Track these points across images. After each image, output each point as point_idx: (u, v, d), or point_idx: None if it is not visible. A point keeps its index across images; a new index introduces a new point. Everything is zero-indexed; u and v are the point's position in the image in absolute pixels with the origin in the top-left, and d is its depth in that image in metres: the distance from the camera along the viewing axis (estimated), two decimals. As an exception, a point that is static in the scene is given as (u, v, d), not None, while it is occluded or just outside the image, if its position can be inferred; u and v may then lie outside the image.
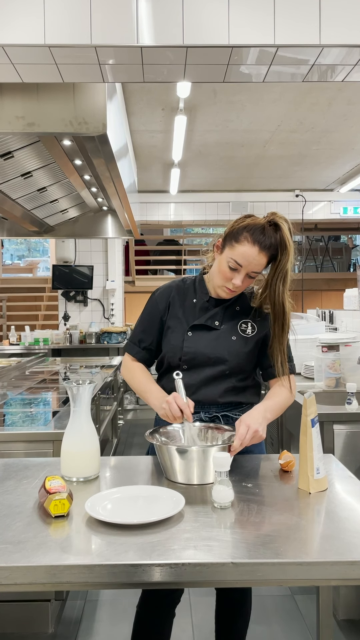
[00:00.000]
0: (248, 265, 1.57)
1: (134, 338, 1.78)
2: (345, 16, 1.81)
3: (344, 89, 4.08)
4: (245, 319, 1.71)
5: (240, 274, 1.59)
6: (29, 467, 1.58)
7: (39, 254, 15.25)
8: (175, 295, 1.74)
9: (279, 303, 1.59)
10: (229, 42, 1.81)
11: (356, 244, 11.29)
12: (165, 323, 1.72)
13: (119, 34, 1.79)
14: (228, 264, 1.59)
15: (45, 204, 4.03)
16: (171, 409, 1.49)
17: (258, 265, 1.58)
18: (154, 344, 1.75)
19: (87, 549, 1.09)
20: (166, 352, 1.71)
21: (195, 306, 1.71)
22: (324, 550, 1.08)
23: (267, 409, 1.55)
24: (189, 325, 1.68)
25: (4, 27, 1.78)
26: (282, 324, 1.62)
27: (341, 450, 2.39)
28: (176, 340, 1.68)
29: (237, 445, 1.41)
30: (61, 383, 3.52)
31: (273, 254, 1.58)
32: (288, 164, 6.16)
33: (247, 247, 1.55)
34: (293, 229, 1.58)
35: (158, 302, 1.74)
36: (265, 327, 1.70)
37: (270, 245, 1.56)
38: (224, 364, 1.66)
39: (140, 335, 1.76)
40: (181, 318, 1.70)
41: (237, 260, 1.57)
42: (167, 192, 7.20)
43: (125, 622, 2.25)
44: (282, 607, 2.39)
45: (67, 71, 1.96)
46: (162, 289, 1.78)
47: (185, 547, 1.07)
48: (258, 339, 1.70)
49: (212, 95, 4.18)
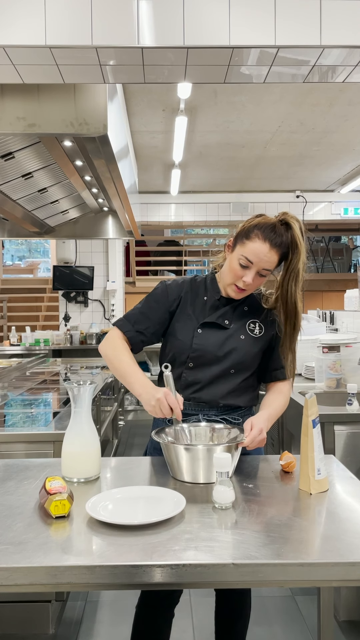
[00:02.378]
0: (259, 262, 1.58)
1: (129, 317, 1.70)
2: (346, 17, 1.81)
3: (344, 89, 4.08)
4: (254, 319, 1.71)
5: (251, 271, 1.59)
6: (29, 468, 1.58)
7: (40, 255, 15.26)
8: (188, 291, 1.72)
9: (292, 302, 1.60)
10: (229, 43, 1.81)
11: (357, 244, 11.29)
12: (173, 317, 1.71)
13: (119, 35, 1.79)
14: (239, 261, 1.59)
15: (46, 204, 4.03)
16: (162, 408, 1.45)
17: (269, 262, 1.58)
18: (149, 331, 1.68)
19: (88, 549, 1.09)
20: (174, 348, 1.69)
21: (206, 304, 1.71)
22: (325, 551, 1.08)
23: (269, 418, 1.57)
24: (199, 322, 1.68)
25: (5, 28, 1.78)
26: (294, 323, 1.63)
27: (342, 451, 2.39)
28: (185, 337, 1.67)
29: (247, 443, 1.43)
30: (62, 384, 3.52)
31: (284, 252, 1.58)
32: (289, 164, 6.16)
33: (258, 244, 1.56)
34: (305, 229, 1.59)
35: (169, 292, 1.71)
36: (272, 328, 1.71)
37: (281, 243, 1.56)
38: (230, 362, 1.66)
39: (137, 317, 1.69)
40: (191, 315, 1.70)
41: (248, 256, 1.57)
42: (168, 192, 7.20)
43: (125, 623, 2.24)
44: (283, 608, 2.38)
45: (67, 72, 1.96)
46: (175, 281, 1.75)
47: (186, 548, 1.07)
48: (265, 340, 1.70)
49: (212, 96, 4.18)
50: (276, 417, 1.65)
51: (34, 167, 3.10)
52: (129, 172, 3.91)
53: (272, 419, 1.60)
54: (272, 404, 1.66)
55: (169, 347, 1.72)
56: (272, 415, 1.60)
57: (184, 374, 1.66)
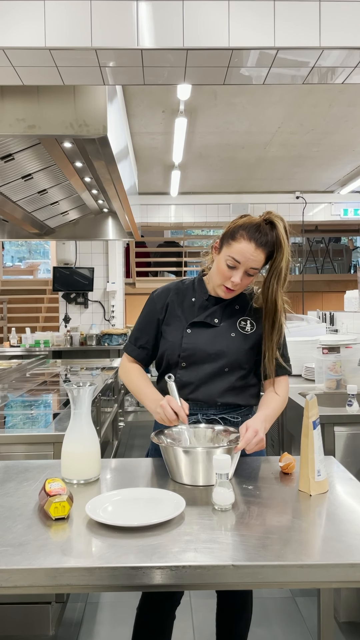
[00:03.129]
0: (246, 262, 1.59)
1: (131, 337, 1.82)
2: (345, 18, 1.81)
3: (344, 90, 4.09)
4: (244, 317, 1.72)
5: (239, 271, 1.61)
6: (29, 470, 1.58)
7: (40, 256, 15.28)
8: (174, 295, 1.76)
9: (271, 300, 1.63)
10: (229, 45, 1.81)
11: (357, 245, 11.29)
12: (163, 322, 1.74)
13: (119, 37, 1.79)
14: (226, 262, 1.61)
15: (46, 206, 4.03)
16: (166, 413, 1.51)
17: (255, 261, 1.59)
18: (149, 343, 1.77)
19: (88, 551, 1.09)
20: (165, 349, 1.72)
21: (194, 305, 1.73)
22: (324, 552, 1.08)
23: (266, 419, 1.57)
24: (188, 322, 1.70)
25: (5, 30, 1.78)
26: (273, 321, 1.65)
27: (342, 452, 2.39)
28: (175, 337, 1.69)
29: (242, 447, 1.43)
30: (62, 385, 3.52)
31: (270, 251, 1.60)
32: (288, 165, 6.16)
33: (243, 244, 1.58)
34: (290, 228, 1.61)
35: (156, 302, 1.77)
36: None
37: (267, 242, 1.58)
38: (223, 360, 1.66)
39: (136, 334, 1.79)
40: (180, 316, 1.72)
41: (235, 257, 1.59)
42: (168, 194, 7.21)
43: (126, 625, 2.24)
44: (283, 610, 2.38)
45: (67, 74, 1.96)
46: (160, 289, 1.80)
47: (185, 550, 1.07)
48: (257, 337, 1.71)
49: (212, 97, 4.18)
50: (274, 417, 1.65)
51: (34, 168, 3.10)
52: (128, 174, 3.92)
53: (269, 419, 1.59)
54: (269, 404, 1.66)
55: (161, 349, 1.75)
56: (269, 415, 1.60)
57: (178, 375, 1.67)
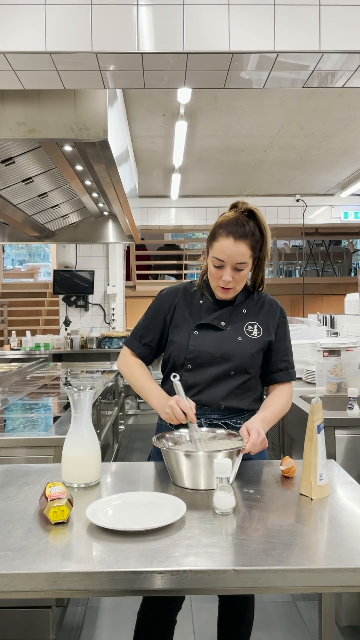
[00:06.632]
0: (229, 258, 1.61)
1: (135, 333, 1.80)
2: (344, 22, 1.81)
3: (344, 94, 4.10)
4: (252, 321, 1.72)
5: (226, 269, 1.62)
6: (29, 473, 1.58)
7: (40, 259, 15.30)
8: (182, 296, 1.76)
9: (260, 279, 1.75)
10: (229, 49, 1.81)
11: (357, 248, 11.29)
12: (170, 323, 1.74)
13: (119, 41, 1.79)
14: (213, 263, 1.64)
15: (46, 209, 4.04)
16: (175, 413, 1.51)
17: (239, 255, 1.61)
18: (154, 342, 1.77)
19: (88, 555, 1.09)
20: (172, 350, 1.72)
21: (201, 307, 1.73)
22: (326, 557, 1.08)
23: (264, 420, 1.57)
24: (195, 324, 1.70)
25: (6, 34, 1.79)
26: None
27: (343, 455, 2.39)
28: (182, 339, 1.69)
29: (249, 449, 1.44)
30: (62, 388, 3.52)
31: (253, 240, 1.62)
32: (288, 168, 6.17)
33: (222, 241, 1.61)
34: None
35: (163, 301, 1.77)
36: (271, 332, 1.72)
37: (245, 233, 1.60)
38: (229, 363, 1.66)
39: (141, 332, 1.78)
40: (188, 318, 1.72)
41: (217, 256, 1.61)
42: (168, 197, 7.21)
43: (126, 629, 2.23)
44: (284, 614, 2.37)
45: (68, 77, 1.97)
46: (169, 289, 1.81)
47: (186, 554, 1.07)
48: (264, 342, 1.70)
49: (212, 100, 4.19)
50: (274, 419, 1.64)
51: (35, 172, 3.10)
52: (129, 177, 3.92)
53: (268, 421, 1.59)
54: (269, 406, 1.66)
55: (168, 351, 1.75)
56: (267, 417, 1.60)
57: (184, 377, 1.67)
